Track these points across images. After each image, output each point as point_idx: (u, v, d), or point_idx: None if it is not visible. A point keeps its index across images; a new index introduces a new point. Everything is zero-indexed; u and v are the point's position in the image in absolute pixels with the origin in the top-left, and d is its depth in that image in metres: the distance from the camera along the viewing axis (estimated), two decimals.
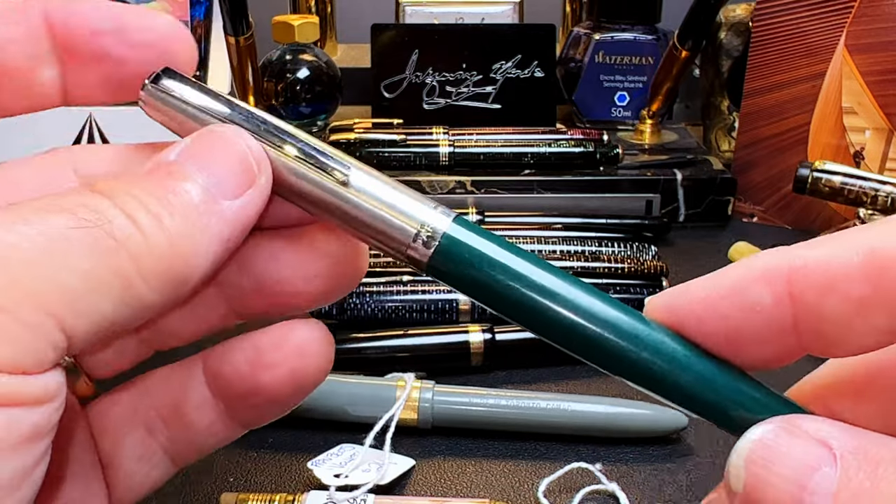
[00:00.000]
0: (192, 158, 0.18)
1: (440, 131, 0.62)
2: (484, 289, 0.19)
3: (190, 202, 0.18)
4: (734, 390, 0.18)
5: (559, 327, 0.18)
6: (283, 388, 0.21)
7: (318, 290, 0.21)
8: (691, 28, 0.63)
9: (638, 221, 0.57)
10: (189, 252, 0.17)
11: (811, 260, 0.16)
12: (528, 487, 0.36)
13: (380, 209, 0.19)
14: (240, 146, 0.19)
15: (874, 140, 0.58)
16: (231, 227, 0.18)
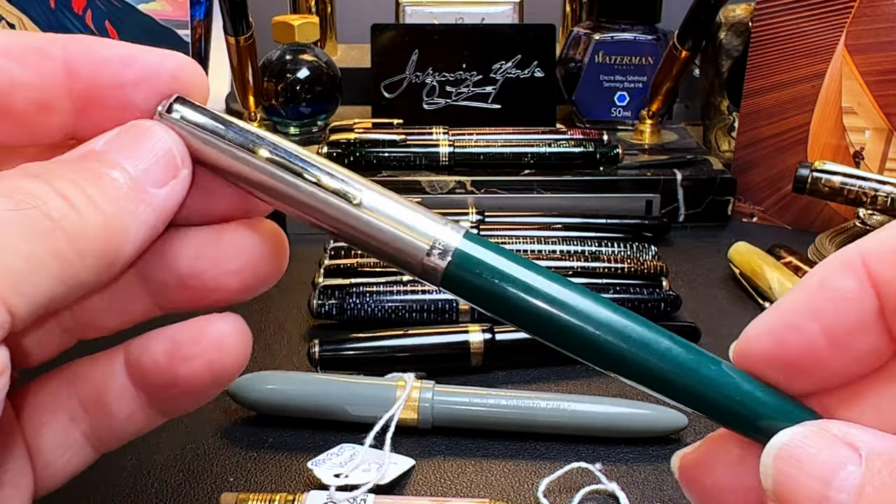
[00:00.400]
0: (119, 148, 0.19)
1: (440, 131, 0.62)
2: (497, 301, 0.19)
3: (120, 187, 0.18)
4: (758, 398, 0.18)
5: (572, 337, 0.19)
6: (200, 380, 0.21)
7: (237, 285, 0.22)
8: (691, 28, 0.63)
9: (638, 221, 0.57)
10: (121, 232, 0.18)
11: (879, 241, 0.17)
12: (528, 487, 0.36)
13: (393, 228, 0.20)
14: (164, 139, 0.19)
15: (874, 140, 0.58)
16: (156, 214, 0.19)
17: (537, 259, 0.50)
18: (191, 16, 0.72)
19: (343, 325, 0.47)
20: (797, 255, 0.52)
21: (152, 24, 0.71)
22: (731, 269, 0.53)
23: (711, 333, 0.47)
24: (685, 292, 0.51)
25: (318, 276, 0.48)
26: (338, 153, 0.61)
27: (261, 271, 0.22)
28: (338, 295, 0.47)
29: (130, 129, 0.20)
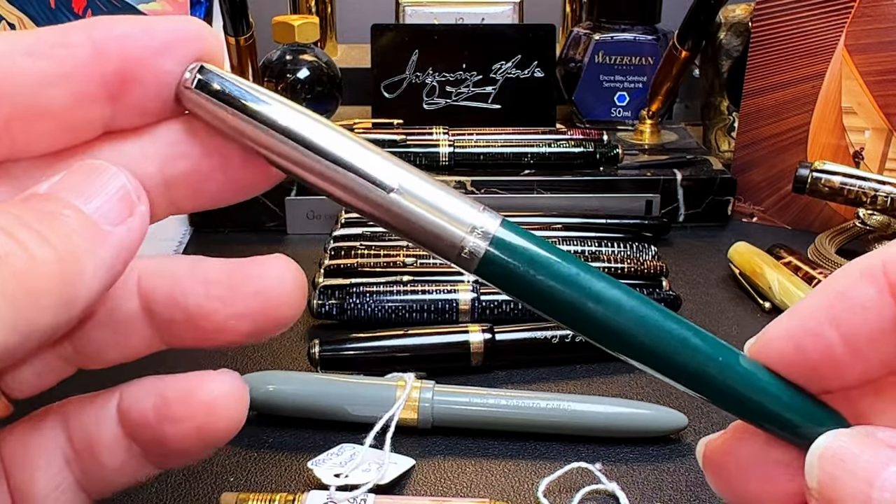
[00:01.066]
0: (67, 189, 0.18)
1: (440, 131, 0.62)
2: (532, 289, 0.19)
3: (71, 226, 0.17)
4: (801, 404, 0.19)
5: (606, 330, 0.19)
6: (187, 443, 0.20)
7: (249, 328, 0.20)
8: (691, 28, 0.63)
9: (638, 221, 0.57)
10: (77, 270, 0.17)
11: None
12: (528, 487, 0.36)
13: (430, 214, 0.19)
14: (116, 176, 0.18)
15: (874, 140, 0.58)
16: (115, 252, 0.18)
17: None
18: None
19: (343, 325, 0.47)
20: (797, 255, 0.52)
21: None
22: (731, 269, 0.53)
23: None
24: (685, 292, 0.51)
25: (318, 276, 0.48)
26: None
27: (275, 314, 0.20)
28: (338, 295, 0.47)
29: (77, 169, 0.18)
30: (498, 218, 0.20)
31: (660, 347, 0.19)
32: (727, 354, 0.19)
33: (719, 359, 0.19)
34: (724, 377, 0.19)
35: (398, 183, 0.19)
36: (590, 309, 0.19)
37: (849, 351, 0.18)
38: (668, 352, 0.19)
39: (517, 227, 0.20)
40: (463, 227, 0.19)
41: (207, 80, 0.19)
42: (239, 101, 0.19)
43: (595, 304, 0.19)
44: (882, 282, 0.17)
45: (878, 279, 0.17)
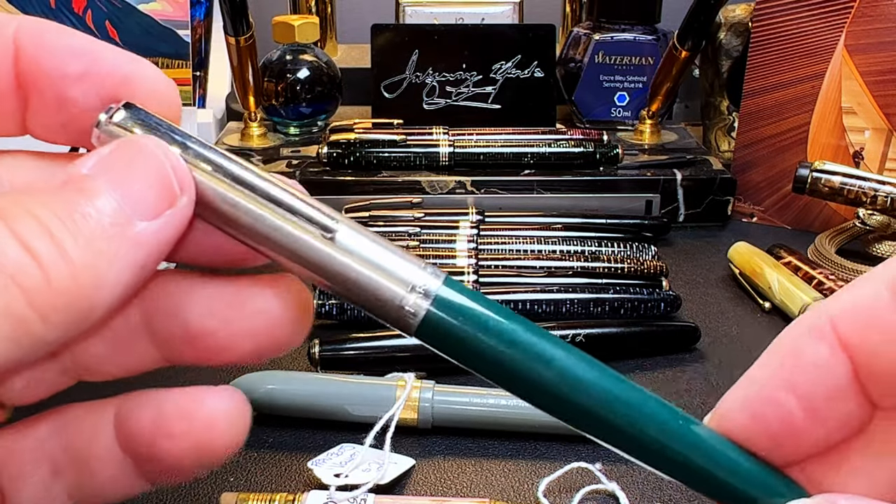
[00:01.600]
0: (106, 172, 0.16)
1: (440, 131, 0.62)
2: (478, 356, 0.18)
3: (99, 225, 0.16)
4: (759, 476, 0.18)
5: (558, 401, 0.18)
6: (184, 460, 0.19)
7: (251, 347, 0.19)
8: (691, 28, 0.63)
9: (638, 221, 0.58)
10: (94, 283, 0.16)
11: (846, 304, 0.17)
12: (528, 487, 0.36)
13: (368, 270, 0.18)
14: (160, 160, 0.17)
15: (874, 140, 0.58)
16: (146, 251, 0.16)
17: (537, 259, 0.50)
18: (191, 16, 0.72)
19: (343, 325, 0.47)
20: (797, 255, 0.52)
21: (152, 24, 0.71)
22: (731, 269, 0.53)
23: (711, 333, 0.47)
24: (685, 292, 0.51)
25: None
26: (338, 153, 0.61)
27: (278, 335, 0.19)
28: None
29: (122, 146, 0.17)
30: (441, 276, 0.18)
31: (617, 419, 0.18)
32: (686, 421, 0.18)
33: (679, 422, 0.18)
34: (682, 447, 0.18)
35: (337, 235, 0.18)
36: (542, 377, 0.17)
37: (807, 415, 0.17)
38: (624, 423, 0.18)
39: (461, 286, 0.18)
40: (402, 285, 0.18)
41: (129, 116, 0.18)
42: None
43: (546, 370, 0.17)
44: (832, 338, 0.17)
45: (827, 335, 0.17)
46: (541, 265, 0.50)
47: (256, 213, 0.17)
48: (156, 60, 0.71)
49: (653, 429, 0.17)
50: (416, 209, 0.57)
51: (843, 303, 0.17)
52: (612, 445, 0.18)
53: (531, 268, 0.49)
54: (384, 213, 0.56)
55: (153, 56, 0.70)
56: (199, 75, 0.73)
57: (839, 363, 0.17)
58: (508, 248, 0.52)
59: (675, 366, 0.44)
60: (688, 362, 0.44)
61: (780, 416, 0.17)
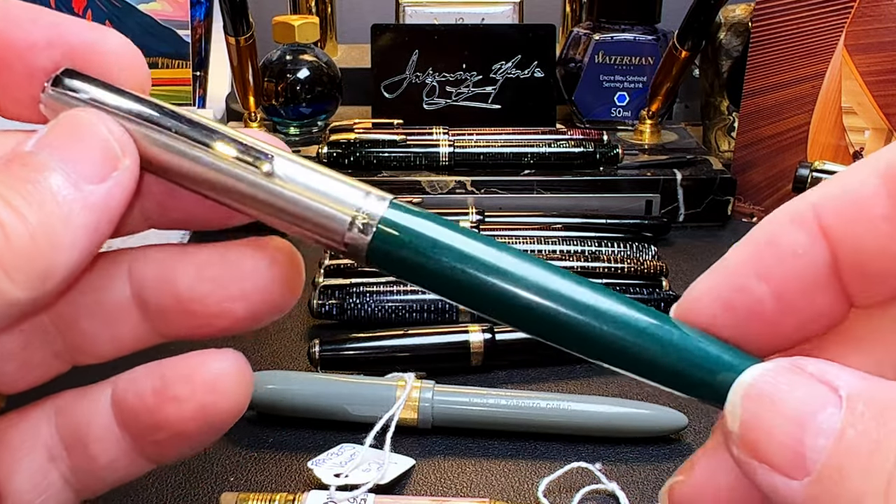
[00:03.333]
0: (49, 146, 0.17)
1: (440, 131, 0.62)
2: (431, 274, 0.17)
3: (48, 191, 0.17)
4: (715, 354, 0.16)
5: (514, 308, 0.17)
6: (189, 425, 0.19)
7: (244, 312, 0.19)
8: (691, 28, 0.63)
9: (638, 221, 0.58)
10: (51, 243, 0.16)
11: (832, 192, 0.16)
12: (528, 487, 0.36)
13: (309, 198, 0.18)
14: (99, 128, 0.18)
15: (874, 140, 0.58)
16: (97, 213, 0.17)
17: None
18: (191, 16, 0.72)
19: (343, 325, 0.47)
20: None
21: (152, 24, 0.71)
22: None
23: None
24: None
25: (318, 276, 0.48)
26: (338, 153, 0.61)
27: (271, 297, 0.19)
28: (338, 295, 0.47)
29: (61, 121, 0.18)
30: (387, 199, 0.18)
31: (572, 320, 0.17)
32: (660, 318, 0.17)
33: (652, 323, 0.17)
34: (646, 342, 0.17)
35: (274, 166, 0.18)
36: (497, 288, 0.17)
37: (779, 305, 0.16)
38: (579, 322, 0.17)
39: (408, 207, 0.18)
40: (348, 210, 0.18)
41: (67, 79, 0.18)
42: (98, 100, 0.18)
43: (504, 282, 0.17)
44: (813, 226, 0.16)
45: (808, 224, 0.16)
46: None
47: (192, 156, 0.18)
48: (156, 60, 0.71)
49: (612, 325, 0.17)
50: None
51: (828, 190, 0.16)
52: (569, 348, 0.17)
53: None
54: None
55: (153, 56, 0.70)
56: (199, 75, 0.73)
57: (818, 253, 0.16)
58: None
59: None
60: None
61: (750, 304, 0.16)
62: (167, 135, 0.18)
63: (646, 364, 0.17)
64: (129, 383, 0.20)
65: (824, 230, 0.16)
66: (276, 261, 0.19)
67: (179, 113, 0.18)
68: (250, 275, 0.19)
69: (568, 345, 0.17)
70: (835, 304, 0.16)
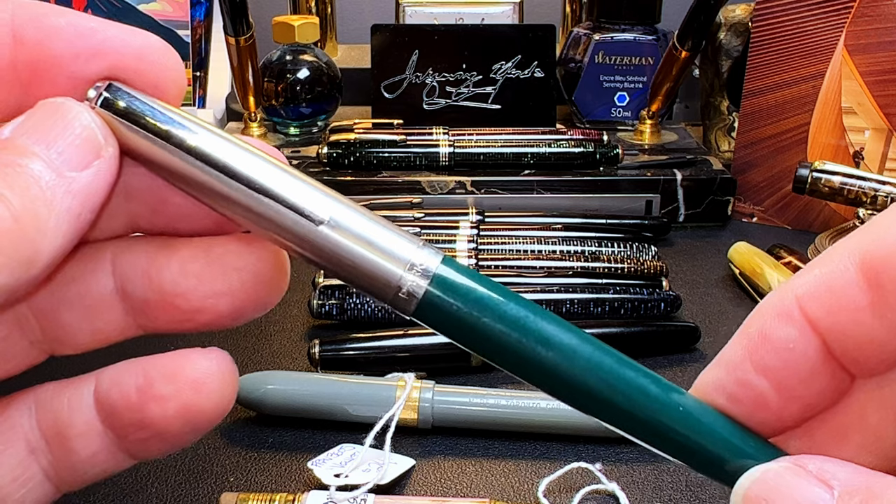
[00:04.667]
0: (28, 133, 0.17)
1: (440, 131, 0.62)
2: (477, 334, 0.17)
3: (31, 176, 0.16)
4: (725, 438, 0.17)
5: (555, 378, 0.17)
6: (172, 424, 0.19)
7: (227, 308, 0.19)
8: (691, 28, 0.63)
9: (638, 221, 0.58)
10: (36, 227, 0.16)
11: (814, 284, 0.16)
12: (528, 487, 0.36)
13: (363, 249, 0.17)
14: (81, 115, 0.17)
15: (874, 140, 0.58)
16: (81, 200, 0.17)
17: (537, 259, 0.50)
18: (191, 16, 0.72)
19: (343, 325, 0.47)
20: (797, 255, 0.52)
21: (152, 24, 0.71)
22: (731, 269, 0.53)
23: (711, 333, 0.47)
24: (685, 292, 0.51)
25: (318, 276, 0.48)
26: (338, 153, 0.61)
27: (255, 294, 0.19)
28: (338, 295, 0.47)
29: (40, 109, 0.17)
30: (439, 255, 0.18)
31: (616, 397, 0.17)
32: (686, 403, 0.18)
33: (679, 409, 0.17)
34: (684, 428, 0.17)
35: (329, 215, 0.17)
36: (541, 357, 0.17)
37: (781, 395, 0.17)
38: (624, 402, 0.17)
39: (459, 265, 0.18)
40: (400, 264, 0.17)
41: (114, 97, 0.18)
42: (145, 120, 0.18)
43: (546, 350, 0.17)
44: (800, 319, 0.16)
45: (795, 317, 0.16)
46: (541, 265, 0.50)
47: (248, 202, 0.17)
48: None
49: (646, 405, 0.17)
50: (416, 209, 0.57)
51: (809, 281, 0.16)
52: (606, 421, 0.18)
53: (531, 268, 0.49)
54: (384, 214, 0.56)
55: None
56: (199, 75, 0.73)
57: (810, 344, 0.16)
58: (508, 248, 0.52)
59: (675, 366, 0.44)
60: (688, 362, 0.44)
61: (754, 397, 0.17)
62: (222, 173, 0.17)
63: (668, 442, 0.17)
64: (112, 380, 0.19)
65: (811, 322, 0.16)
66: (261, 258, 0.19)
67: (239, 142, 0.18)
68: (235, 271, 0.19)
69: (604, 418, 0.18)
70: (835, 381, 0.17)
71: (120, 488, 0.35)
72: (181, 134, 0.17)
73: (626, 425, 0.18)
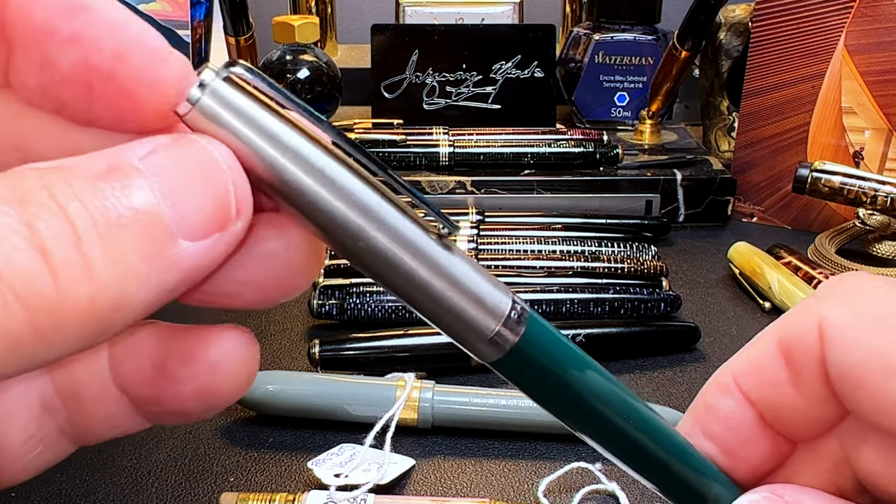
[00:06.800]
0: (160, 172, 0.14)
1: (440, 131, 0.62)
2: (553, 394, 0.18)
3: (136, 236, 0.13)
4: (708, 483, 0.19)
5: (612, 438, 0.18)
6: (187, 405, 0.17)
7: (254, 297, 0.17)
8: (691, 28, 0.63)
9: (638, 221, 0.58)
10: (114, 307, 0.13)
11: (744, 362, 0.19)
12: (528, 487, 0.36)
13: (481, 278, 0.16)
14: (223, 173, 0.14)
15: (874, 140, 0.58)
16: (181, 276, 0.14)
17: (537, 259, 0.50)
18: (191, 16, 0.72)
19: (343, 325, 0.47)
20: (797, 255, 0.52)
21: (152, 23, 0.71)
22: (731, 269, 0.53)
23: (711, 333, 0.47)
24: (685, 292, 0.51)
25: (319, 276, 0.48)
26: None
27: (286, 281, 0.17)
28: (338, 295, 0.47)
29: (183, 146, 0.14)
30: (526, 309, 0.17)
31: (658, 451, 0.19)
32: None
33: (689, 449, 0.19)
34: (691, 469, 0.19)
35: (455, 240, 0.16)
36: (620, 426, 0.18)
37: (728, 458, 0.19)
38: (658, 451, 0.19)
39: (545, 322, 0.17)
40: (496, 315, 0.16)
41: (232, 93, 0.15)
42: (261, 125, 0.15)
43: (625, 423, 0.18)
44: (736, 392, 0.19)
45: (732, 390, 0.19)
46: (541, 265, 0.50)
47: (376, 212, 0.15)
48: None
49: (674, 450, 0.19)
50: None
51: (742, 360, 0.19)
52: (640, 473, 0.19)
53: (531, 268, 0.49)
54: None
55: None
56: None
57: (746, 412, 0.19)
58: (508, 248, 0.52)
59: (675, 366, 0.44)
60: (688, 362, 0.44)
61: (707, 457, 0.19)
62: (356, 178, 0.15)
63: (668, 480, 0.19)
64: (128, 349, 0.18)
65: (745, 395, 0.19)
66: (292, 244, 0.17)
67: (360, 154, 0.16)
68: (268, 258, 0.17)
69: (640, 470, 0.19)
70: (775, 446, 0.19)
71: (120, 488, 0.35)
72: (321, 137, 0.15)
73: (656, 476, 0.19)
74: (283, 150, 0.15)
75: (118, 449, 0.37)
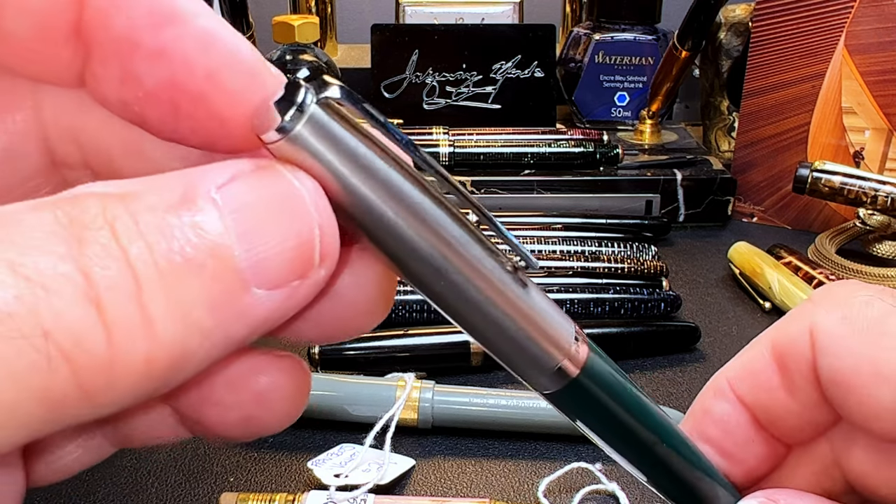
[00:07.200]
0: (238, 210, 0.12)
1: (440, 131, 0.62)
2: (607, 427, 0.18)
3: (204, 291, 0.11)
4: None
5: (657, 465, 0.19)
6: (231, 431, 0.16)
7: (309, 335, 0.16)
8: (691, 28, 0.63)
9: (638, 221, 0.58)
10: (172, 366, 0.12)
11: (738, 367, 0.19)
12: (528, 487, 0.36)
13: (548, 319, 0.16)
14: (309, 215, 0.13)
15: (874, 140, 0.58)
16: (250, 328, 0.12)
17: (537, 259, 0.50)
18: None
19: None
20: (797, 255, 0.52)
21: None
22: (731, 269, 0.53)
23: (711, 333, 0.47)
24: (685, 292, 0.51)
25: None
26: None
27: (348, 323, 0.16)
28: None
29: (267, 181, 0.12)
30: (587, 341, 0.17)
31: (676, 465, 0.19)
32: None
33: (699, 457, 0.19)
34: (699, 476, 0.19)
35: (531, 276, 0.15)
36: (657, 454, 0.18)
37: (724, 458, 0.19)
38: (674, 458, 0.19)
39: (604, 355, 0.18)
40: (562, 349, 0.16)
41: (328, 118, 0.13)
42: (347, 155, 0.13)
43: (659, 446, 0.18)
44: (731, 396, 0.19)
45: (727, 394, 0.19)
46: (541, 265, 0.50)
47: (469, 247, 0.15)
48: None
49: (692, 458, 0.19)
50: None
51: (736, 365, 0.19)
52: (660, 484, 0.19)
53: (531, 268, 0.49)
54: None
55: None
56: None
57: (741, 416, 0.19)
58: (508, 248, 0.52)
59: (675, 366, 0.44)
60: (688, 362, 0.44)
61: None
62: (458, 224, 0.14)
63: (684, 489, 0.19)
64: None
65: (740, 399, 0.19)
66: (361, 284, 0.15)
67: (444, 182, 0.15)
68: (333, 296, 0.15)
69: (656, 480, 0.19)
70: (771, 449, 0.19)
71: (120, 488, 0.35)
72: None
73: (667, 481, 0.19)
74: (380, 188, 0.13)
75: (119, 449, 0.37)
